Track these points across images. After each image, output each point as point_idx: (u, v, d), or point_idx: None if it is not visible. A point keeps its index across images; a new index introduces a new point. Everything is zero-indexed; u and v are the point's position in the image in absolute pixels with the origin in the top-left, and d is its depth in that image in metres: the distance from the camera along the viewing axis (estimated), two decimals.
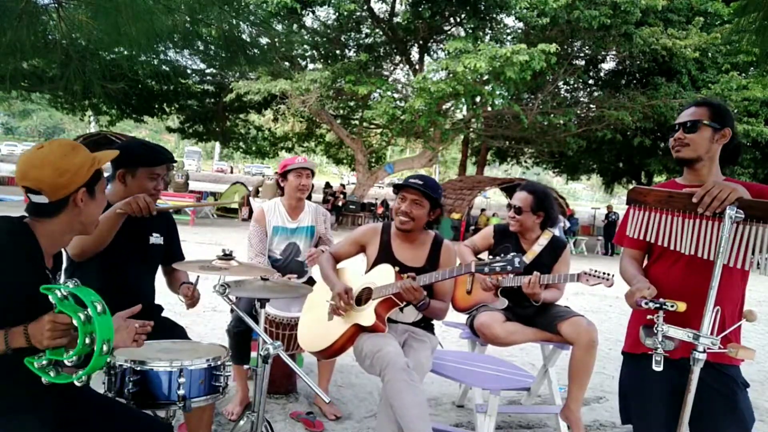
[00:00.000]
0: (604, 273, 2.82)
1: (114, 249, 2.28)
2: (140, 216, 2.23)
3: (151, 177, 2.39)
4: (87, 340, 1.41)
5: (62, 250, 1.84)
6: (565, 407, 2.91)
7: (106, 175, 1.78)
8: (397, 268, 2.67)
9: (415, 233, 2.77)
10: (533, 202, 3.22)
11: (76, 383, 1.45)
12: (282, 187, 3.45)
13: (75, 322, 1.41)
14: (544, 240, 3.24)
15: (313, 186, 3.64)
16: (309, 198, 3.62)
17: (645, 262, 2.12)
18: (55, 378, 1.46)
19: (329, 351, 2.69)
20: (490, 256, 2.40)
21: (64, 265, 2.22)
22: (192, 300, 2.50)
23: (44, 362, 1.45)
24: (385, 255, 2.78)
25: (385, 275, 2.64)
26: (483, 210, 20.59)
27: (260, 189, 15.88)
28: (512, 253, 2.31)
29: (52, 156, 1.57)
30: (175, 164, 2.72)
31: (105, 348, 1.41)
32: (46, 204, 1.56)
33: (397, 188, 2.75)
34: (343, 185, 20.97)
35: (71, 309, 1.43)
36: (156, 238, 2.53)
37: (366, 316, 2.57)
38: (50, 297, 1.45)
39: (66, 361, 1.44)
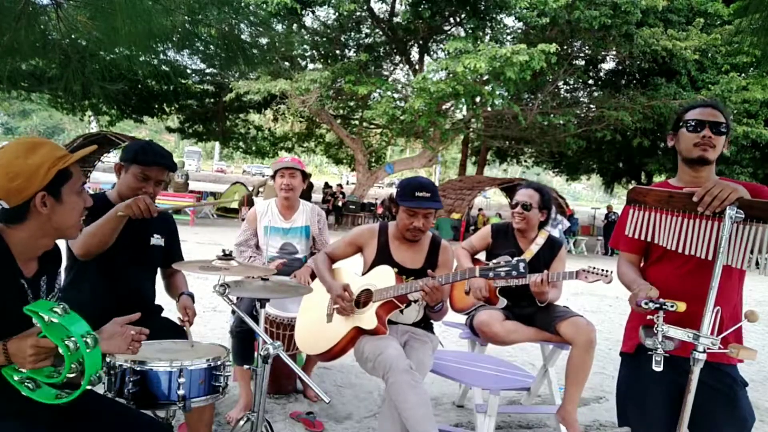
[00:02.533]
0: (602, 270, 2.83)
1: (115, 249, 2.27)
2: (141, 218, 2.22)
3: (139, 176, 2.34)
4: (73, 366, 1.36)
5: (61, 249, 1.81)
6: (562, 407, 2.91)
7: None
8: (396, 270, 2.67)
9: None
10: (540, 199, 3.25)
11: (61, 404, 1.42)
12: None
13: (61, 350, 1.34)
14: (541, 239, 3.25)
15: (312, 186, 3.67)
16: (309, 198, 3.64)
17: (642, 264, 2.12)
18: (34, 393, 1.41)
19: (329, 354, 2.68)
20: (494, 261, 2.38)
21: (64, 263, 2.21)
22: (188, 322, 2.45)
23: (22, 377, 1.40)
24: (383, 256, 2.77)
25: (384, 277, 2.63)
26: (480, 210, 20.54)
27: (261, 189, 15.90)
28: (516, 258, 2.31)
29: (3, 159, 1.45)
30: (175, 170, 2.69)
31: (94, 379, 1.39)
32: (9, 210, 1.46)
33: (406, 206, 2.65)
34: (340, 185, 20.92)
35: (57, 335, 1.35)
36: (157, 240, 2.52)
37: (367, 318, 2.56)
38: (34, 319, 1.38)
39: (50, 383, 1.41)
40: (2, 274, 1.48)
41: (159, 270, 2.65)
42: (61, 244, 1.75)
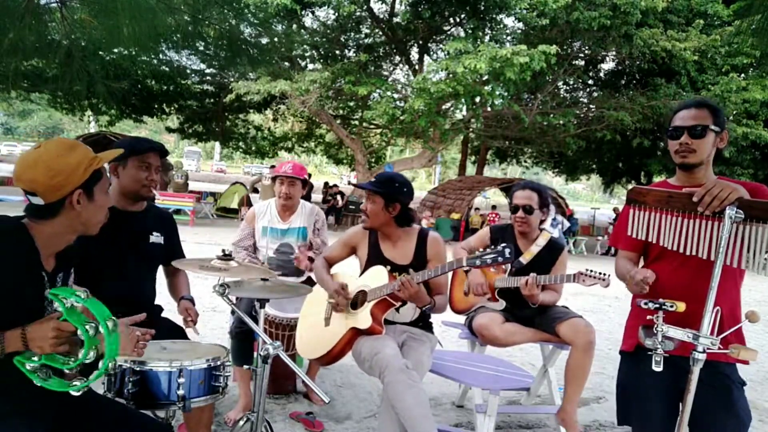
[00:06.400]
0: (600, 273, 2.82)
1: (114, 247, 2.28)
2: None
3: (141, 166, 2.40)
4: (91, 353, 1.41)
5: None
6: (561, 409, 2.91)
7: None
8: (388, 268, 2.68)
9: (394, 230, 2.78)
10: (539, 199, 3.21)
11: (73, 393, 1.45)
12: None
13: (80, 333, 1.40)
14: (542, 240, 3.23)
15: (312, 186, 3.69)
16: (308, 198, 3.65)
17: (641, 264, 2.12)
18: (45, 382, 1.44)
19: (328, 357, 2.69)
20: (480, 250, 2.39)
21: None
22: (192, 320, 2.48)
23: (36, 365, 1.43)
24: (374, 255, 2.80)
25: (378, 277, 2.65)
26: (477, 209, 20.44)
27: (257, 187, 15.89)
28: (502, 245, 2.31)
29: (45, 156, 1.53)
30: (172, 166, 2.73)
31: (110, 365, 1.46)
32: (43, 206, 1.53)
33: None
34: (336, 185, 20.79)
35: (78, 319, 1.42)
36: (156, 237, 2.53)
37: (362, 318, 2.57)
38: (56, 303, 1.43)
39: (65, 370, 1.44)
40: (26, 264, 1.53)
41: (162, 269, 2.66)
42: None
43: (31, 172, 1.51)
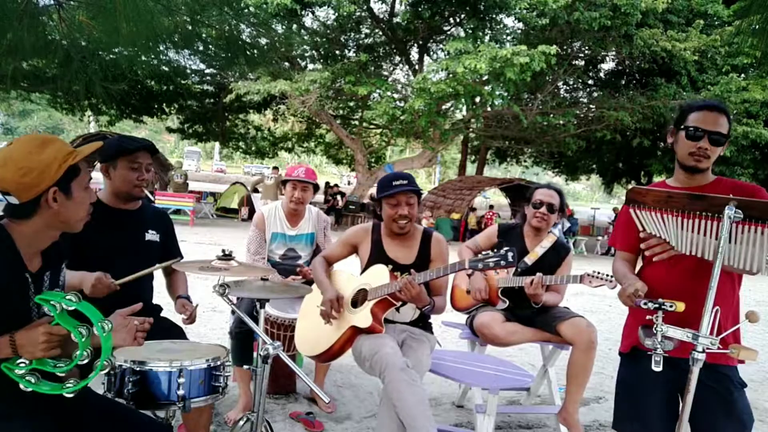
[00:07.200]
0: (607, 275, 2.82)
1: (109, 245, 2.27)
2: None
3: (131, 167, 2.39)
4: (85, 352, 1.39)
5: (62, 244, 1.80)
6: (563, 409, 2.91)
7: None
8: (390, 267, 2.68)
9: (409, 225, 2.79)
10: (560, 201, 3.26)
11: (66, 395, 1.43)
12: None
13: (74, 337, 1.38)
14: (547, 242, 3.24)
15: (318, 187, 3.66)
16: None
17: (640, 264, 2.12)
18: (36, 386, 1.42)
19: (327, 354, 2.69)
20: (483, 252, 2.40)
21: None
22: (190, 318, 2.48)
23: (24, 370, 1.41)
24: (377, 254, 2.79)
25: (379, 275, 2.65)
26: (474, 209, 20.40)
27: (258, 188, 15.89)
28: (505, 248, 2.31)
29: (15, 154, 1.46)
30: (172, 165, 2.73)
31: (106, 364, 1.43)
32: (18, 205, 1.47)
33: (389, 195, 2.68)
34: (336, 185, 20.76)
35: (70, 323, 1.39)
36: (152, 235, 2.52)
37: (362, 317, 2.58)
38: (46, 308, 1.40)
39: (57, 373, 1.42)
40: (7, 268, 1.49)
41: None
42: None
43: (1, 171, 1.45)
